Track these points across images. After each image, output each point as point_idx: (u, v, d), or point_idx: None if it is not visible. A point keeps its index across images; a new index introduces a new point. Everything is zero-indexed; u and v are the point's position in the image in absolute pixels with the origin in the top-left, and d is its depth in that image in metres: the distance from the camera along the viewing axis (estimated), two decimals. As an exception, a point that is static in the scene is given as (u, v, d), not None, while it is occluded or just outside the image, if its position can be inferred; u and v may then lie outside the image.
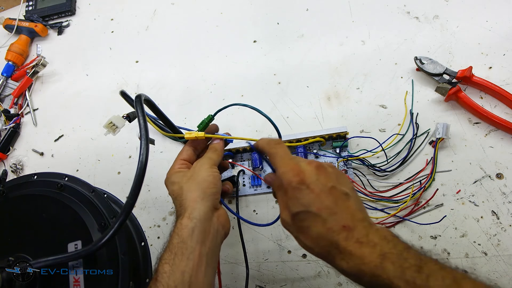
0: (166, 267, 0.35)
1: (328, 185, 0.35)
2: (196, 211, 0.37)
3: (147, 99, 0.39)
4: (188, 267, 0.35)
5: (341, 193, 0.35)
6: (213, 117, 0.47)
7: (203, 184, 0.40)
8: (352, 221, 0.33)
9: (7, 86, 0.79)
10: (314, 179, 0.35)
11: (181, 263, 0.35)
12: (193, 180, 0.40)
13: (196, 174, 0.41)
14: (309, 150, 0.58)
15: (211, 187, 0.40)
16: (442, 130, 0.53)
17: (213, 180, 0.40)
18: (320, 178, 0.35)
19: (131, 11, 0.82)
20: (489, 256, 0.48)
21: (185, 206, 0.38)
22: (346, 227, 0.32)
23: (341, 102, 0.62)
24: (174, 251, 0.35)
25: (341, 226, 0.32)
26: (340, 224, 0.32)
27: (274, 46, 0.70)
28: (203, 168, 0.41)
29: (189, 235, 0.36)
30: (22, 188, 0.48)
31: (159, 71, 0.74)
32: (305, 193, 0.34)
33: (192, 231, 0.36)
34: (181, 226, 0.37)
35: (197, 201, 0.38)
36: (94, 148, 0.70)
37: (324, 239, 0.33)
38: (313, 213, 0.33)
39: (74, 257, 0.38)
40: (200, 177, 0.40)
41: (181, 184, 0.40)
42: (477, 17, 0.61)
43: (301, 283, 0.52)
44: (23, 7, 0.88)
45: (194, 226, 0.36)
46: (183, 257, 0.35)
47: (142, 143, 0.35)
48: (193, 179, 0.40)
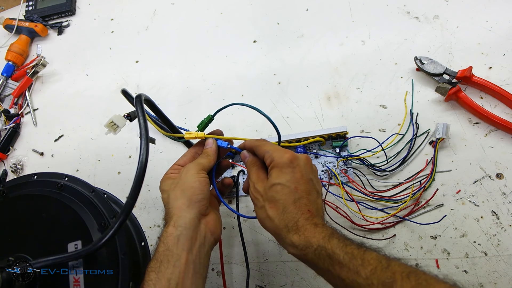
0: (152, 275, 0.35)
1: (310, 176, 0.40)
2: (181, 219, 0.38)
3: (147, 99, 0.39)
4: (174, 274, 0.35)
5: (315, 189, 0.39)
6: (213, 117, 0.47)
7: (189, 191, 0.39)
8: (316, 210, 0.37)
9: (7, 86, 0.79)
10: (302, 165, 0.39)
11: (167, 271, 0.35)
12: (179, 188, 0.40)
13: (182, 181, 0.41)
14: (309, 150, 0.58)
15: (197, 193, 0.39)
16: (442, 130, 0.53)
17: (199, 186, 0.40)
18: (306, 168, 0.40)
19: (131, 11, 0.82)
20: (489, 256, 0.48)
21: (171, 214, 0.38)
22: (310, 211, 0.37)
23: (341, 102, 0.62)
24: (160, 259, 0.36)
25: (306, 209, 0.37)
26: (306, 208, 0.37)
27: (274, 46, 0.70)
28: (189, 174, 0.41)
29: (175, 243, 0.36)
30: (22, 188, 0.48)
31: (159, 71, 0.74)
32: (289, 170, 0.38)
33: (178, 239, 0.36)
34: (167, 234, 0.37)
35: (183, 209, 0.38)
36: (94, 148, 0.70)
37: (288, 213, 0.37)
38: (289, 189, 0.38)
39: (74, 257, 0.38)
40: (186, 183, 0.40)
41: (168, 192, 0.41)
42: (477, 17, 0.61)
43: (301, 283, 0.52)
44: (23, 7, 0.88)
45: (180, 234, 0.37)
46: (169, 264, 0.35)
47: (142, 142, 0.35)
48: (179, 186, 0.40)
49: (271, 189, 0.38)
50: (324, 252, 0.33)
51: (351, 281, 0.31)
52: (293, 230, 0.36)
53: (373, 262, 0.30)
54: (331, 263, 0.32)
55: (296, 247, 0.35)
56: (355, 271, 0.31)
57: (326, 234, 0.34)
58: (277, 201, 0.38)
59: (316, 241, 0.34)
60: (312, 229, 0.35)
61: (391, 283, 0.28)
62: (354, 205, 0.52)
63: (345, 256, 0.32)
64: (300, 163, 0.39)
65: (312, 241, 0.34)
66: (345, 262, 0.31)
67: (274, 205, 0.38)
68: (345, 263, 0.31)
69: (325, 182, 0.55)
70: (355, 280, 0.30)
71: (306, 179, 0.39)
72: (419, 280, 0.28)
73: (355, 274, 0.30)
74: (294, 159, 0.39)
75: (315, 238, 0.34)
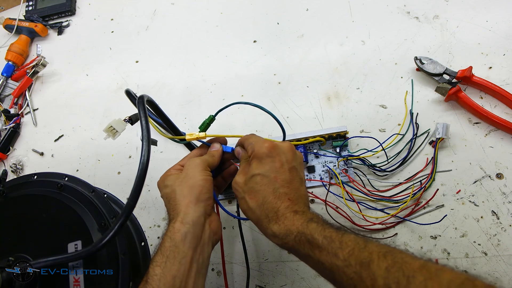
0: (157, 270, 0.34)
1: (292, 164, 0.39)
2: (189, 216, 0.37)
3: (149, 100, 0.39)
4: (180, 272, 0.35)
5: (298, 177, 0.39)
6: (214, 117, 0.47)
7: (196, 189, 0.39)
8: (297, 198, 0.37)
9: (7, 86, 0.79)
10: (282, 154, 0.39)
11: (173, 267, 0.35)
12: (186, 183, 0.39)
13: (188, 176, 0.40)
14: (309, 149, 0.58)
15: (204, 192, 0.39)
16: (442, 130, 0.53)
17: (205, 184, 0.40)
18: (288, 156, 0.40)
19: (131, 11, 0.82)
20: (489, 256, 0.48)
21: (177, 210, 0.38)
22: (290, 200, 0.37)
23: (341, 102, 0.62)
24: (166, 254, 0.35)
25: (286, 198, 0.37)
26: (287, 197, 0.37)
27: (274, 46, 0.70)
28: (196, 170, 0.40)
29: (182, 240, 0.36)
30: (22, 188, 0.48)
31: (159, 71, 0.74)
32: (269, 160, 0.38)
33: (185, 236, 0.36)
34: (174, 230, 0.36)
35: (190, 206, 0.38)
36: (94, 148, 0.70)
37: (268, 203, 0.37)
38: (268, 179, 0.37)
39: (74, 257, 0.38)
40: (193, 180, 0.39)
41: (173, 187, 0.40)
42: (477, 17, 0.61)
43: (301, 283, 0.52)
44: (23, 7, 0.88)
45: (187, 231, 0.36)
46: (175, 261, 0.35)
47: (143, 144, 0.35)
48: (185, 182, 0.39)
49: (250, 180, 0.38)
50: (303, 238, 0.33)
51: (330, 264, 0.31)
52: (273, 220, 0.36)
53: (350, 244, 0.31)
54: (311, 248, 0.33)
55: (277, 236, 0.35)
56: (334, 253, 0.31)
57: (305, 219, 0.34)
58: (256, 192, 0.38)
59: (296, 228, 0.34)
60: (291, 216, 0.35)
61: (368, 262, 0.29)
62: (354, 205, 0.52)
63: (324, 240, 0.32)
64: (279, 152, 0.39)
65: (291, 229, 0.34)
66: (324, 245, 0.32)
67: (254, 196, 0.38)
68: (324, 246, 0.32)
69: (325, 182, 0.55)
70: (333, 262, 0.31)
71: (286, 168, 0.39)
72: (395, 258, 0.28)
73: (334, 256, 0.31)
74: (273, 148, 0.39)
75: (294, 226, 0.34)
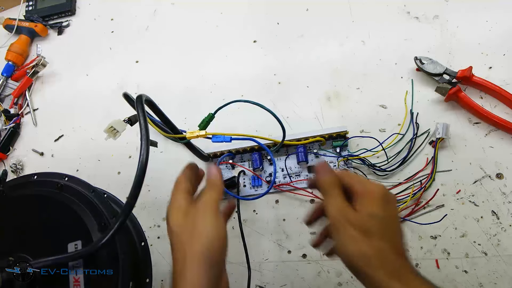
0: None
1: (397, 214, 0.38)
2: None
3: (148, 100, 0.39)
4: None
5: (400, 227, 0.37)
6: (214, 116, 0.47)
7: (211, 248, 0.33)
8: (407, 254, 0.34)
9: (7, 86, 0.79)
10: (394, 201, 0.37)
11: None
12: (197, 240, 0.33)
13: (198, 231, 0.34)
14: (309, 149, 0.58)
15: (220, 252, 0.34)
16: (442, 130, 0.53)
17: (220, 236, 0.34)
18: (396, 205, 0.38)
19: (131, 11, 0.82)
20: (489, 256, 0.48)
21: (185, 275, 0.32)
22: (405, 256, 0.34)
23: (341, 102, 0.62)
24: None
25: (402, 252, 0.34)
26: (402, 250, 0.34)
27: (274, 46, 0.70)
28: (207, 220, 0.34)
29: None
30: (22, 188, 0.48)
31: (159, 71, 0.74)
32: (386, 205, 0.34)
33: None
34: None
35: (201, 274, 0.32)
36: (94, 148, 0.70)
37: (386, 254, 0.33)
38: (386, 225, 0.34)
39: (74, 257, 0.38)
40: (205, 235, 0.33)
41: (181, 237, 0.34)
42: (477, 17, 0.61)
43: (301, 283, 0.52)
44: (23, 7, 0.88)
45: None
46: None
47: (142, 143, 0.35)
48: (196, 239, 0.33)
49: (367, 219, 0.33)
50: None
51: None
52: (394, 277, 0.31)
53: None
54: None
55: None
56: None
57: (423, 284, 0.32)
58: (373, 235, 0.33)
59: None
60: (413, 278, 0.32)
61: None
62: (354, 205, 0.52)
63: None
64: (393, 199, 0.36)
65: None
66: None
67: (369, 240, 0.33)
68: None
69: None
70: None
71: (399, 218, 0.37)
72: None
73: None
74: (389, 193, 0.36)
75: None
